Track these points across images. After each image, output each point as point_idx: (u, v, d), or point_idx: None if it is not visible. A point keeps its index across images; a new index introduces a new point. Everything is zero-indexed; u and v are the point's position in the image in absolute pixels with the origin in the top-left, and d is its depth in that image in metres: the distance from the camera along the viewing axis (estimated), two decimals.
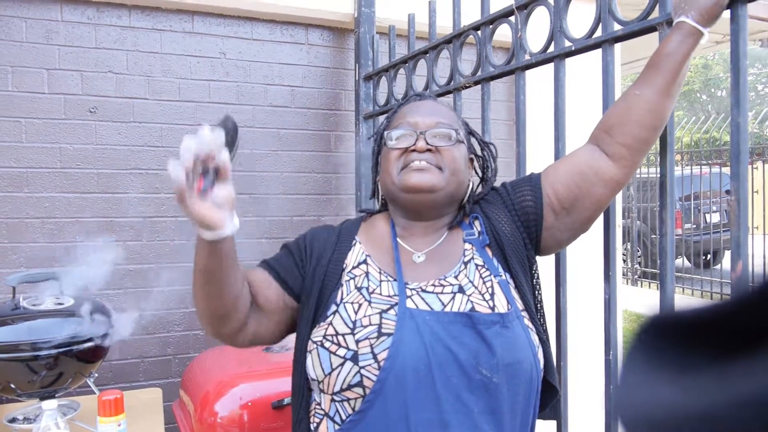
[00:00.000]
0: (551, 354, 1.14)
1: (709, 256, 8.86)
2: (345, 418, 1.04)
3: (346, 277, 1.13)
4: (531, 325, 1.08)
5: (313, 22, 2.67)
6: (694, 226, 8.48)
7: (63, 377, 1.66)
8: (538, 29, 1.57)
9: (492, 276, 1.10)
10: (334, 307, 1.09)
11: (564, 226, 1.15)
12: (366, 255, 1.16)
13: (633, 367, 0.37)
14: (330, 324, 1.07)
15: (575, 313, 1.69)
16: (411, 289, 1.08)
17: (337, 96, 2.75)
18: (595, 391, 1.31)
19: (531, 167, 1.32)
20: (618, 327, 1.32)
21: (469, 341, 1.01)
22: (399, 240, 1.18)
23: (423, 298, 1.06)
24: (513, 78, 1.59)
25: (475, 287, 1.08)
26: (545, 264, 1.42)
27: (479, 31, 1.69)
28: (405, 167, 1.13)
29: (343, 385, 1.02)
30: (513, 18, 1.56)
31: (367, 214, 1.29)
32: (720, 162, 8.04)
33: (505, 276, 1.12)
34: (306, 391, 1.13)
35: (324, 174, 2.72)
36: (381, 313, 1.05)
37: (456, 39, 1.79)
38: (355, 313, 1.06)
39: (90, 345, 1.67)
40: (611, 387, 1.31)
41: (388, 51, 2.25)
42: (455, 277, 1.10)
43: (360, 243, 1.19)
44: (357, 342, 1.02)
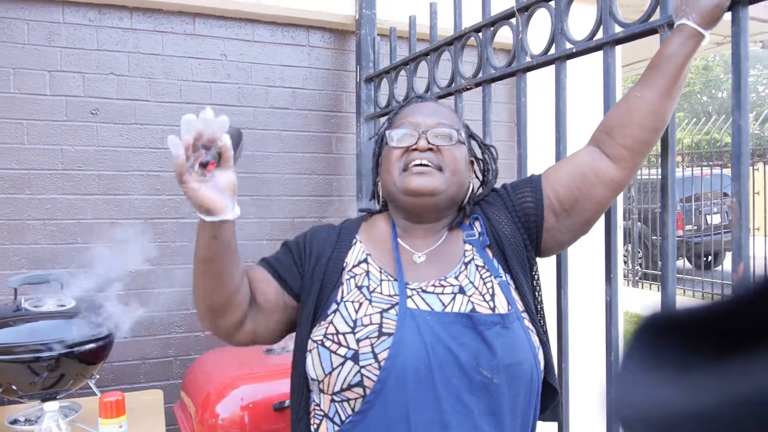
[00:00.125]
0: (551, 355, 1.14)
1: (710, 257, 8.85)
2: (345, 418, 1.03)
3: (346, 276, 1.13)
4: (531, 327, 1.08)
5: (314, 24, 2.67)
6: (695, 227, 8.48)
7: (64, 379, 1.67)
8: (539, 31, 1.57)
9: (492, 277, 1.10)
10: (334, 306, 1.09)
11: (564, 227, 1.15)
12: (366, 254, 1.16)
13: (630, 367, 0.37)
14: (330, 323, 1.06)
15: (576, 315, 1.69)
16: (411, 289, 1.08)
17: (338, 98, 2.75)
18: (596, 393, 1.31)
19: (532, 169, 1.32)
20: (619, 329, 1.32)
21: (470, 342, 1.00)
22: (399, 240, 1.17)
23: (423, 298, 1.06)
24: (514, 80, 1.59)
25: (476, 288, 1.08)
26: (546, 266, 1.42)
27: (480, 33, 1.69)
28: (406, 168, 1.13)
29: (344, 385, 1.01)
30: (514, 20, 1.57)
31: (368, 213, 1.28)
32: (721, 163, 8.04)
33: (506, 277, 1.12)
34: (305, 392, 1.12)
35: (325, 175, 2.72)
36: (382, 313, 1.04)
37: (457, 41, 1.79)
38: (356, 312, 1.06)
39: (91, 346, 1.67)
40: (612, 389, 1.30)
41: (389, 53, 2.25)
42: (456, 278, 1.10)
43: (360, 242, 1.19)
44: (358, 341, 1.01)
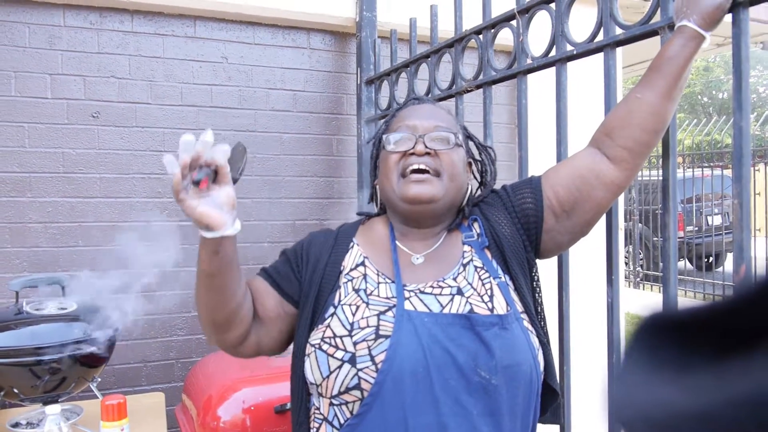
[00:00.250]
0: (552, 357, 1.13)
1: (711, 258, 8.85)
2: (343, 422, 1.03)
3: (343, 279, 1.13)
4: (531, 328, 1.07)
5: (315, 26, 2.67)
6: (696, 228, 8.47)
7: (66, 382, 1.66)
8: (539, 33, 1.57)
9: (491, 278, 1.09)
10: (332, 309, 1.09)
11: (564, 228, 1.15)
12: (364, 257, 1.16)
13: (631, 367, 0.37)
14: (328, 326, 1.06)
15: (578, 317, 1.69)
16: (409, 291, 1.07)
17: (339, 100, 2.75)
18: (598, 395, 1.31)
19: (533, 171, 1.32)
20: (621, 330, 1.31)
21: (468, 343, 1.00)
22: (397, 242, 1.17)
23: (421, 299, 1.06)
24: (515, 82, 1.59)
25: (474, 289, 1.07)
26: (548, 267, 1.42)
27: (481, 35, 1.69)
28: (404, 174, 1.12)
29: (341, 388, 1.01)
30: (515, 22, 1.57)
31: (366, 217, 1.28)
32: (721, 164, 8.04)
33: (505, 278, 1.11)
34: (305, 396, 1.12)
35: (326, 178, 2.72)
36: (379, 315, 1.04)
37: (458, 43, 1.79)
38: (353, 315, 1.05)
39: (93, 349, 1.67)
40: (611, 391, 1.30)
41: (389, 55, 2.25)
42: (454, 279, 1.09)
43: (358, 245, 1.19)
44: (355, 344, 1.01)
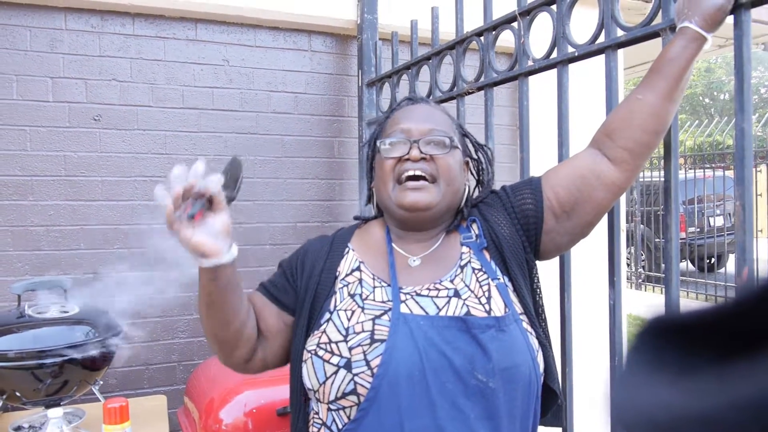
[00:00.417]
0: (553, 358, 1.12)
1: (713, 259, 8.83)
2: (341, 426, 1.02)
3: (339, 285, 1.13)
4: (530, 329, 1.06)
5: (316, 28, 2.67)
6: (697, 229, 8.46)
7: (68, 385, 1.66)
8: (541, 35, 1.57)
9: (489, 279, 1.09)
10: (327, 315, 1.08)
11: (564, 229, 1.14)
12: (359, 262, 1.15)
13: (633, 369, 0.37)
14: (323, 332, 1.06)
15: (580, 318, 1.69)
16: (405, 294, 1.07)
17: (340, 102, 2.75)
18: (600, 397, 1.30)
19: (534, 172, 1.32)
20: (623, 332, 1.31)
21: (464, 346, 0.99)
22: (394, 245, 1.17)
23: (417, 302, 1.05)
24: (516, 83, 1.59)
25: (471, 291, 1.07)
26: (550, 269, 1.42)
27: (482, 37, 1.69)
28: (400, 180, 1.11)
29: (338, 394, 1.00)
30: (516, 24, 1.56)
31: (362, 221, 1.28)
32: (723, 165, 8.03)
33: (504, 279, 1.10)
34: (303, 402, 1.12)
35: (327, 180, 2.72)
36: (374, 319, 1.03)
37: (459, 45, 1.79)
38: (348, 320, 1.05)
39: (95, 353, 1.67)
40: (613, 394, 1.30)
41: (390, 57, 2.25)
42: (451, 281, 1.09)
43: (353, 250, 1.18)
44: (350, 349, 1.01)
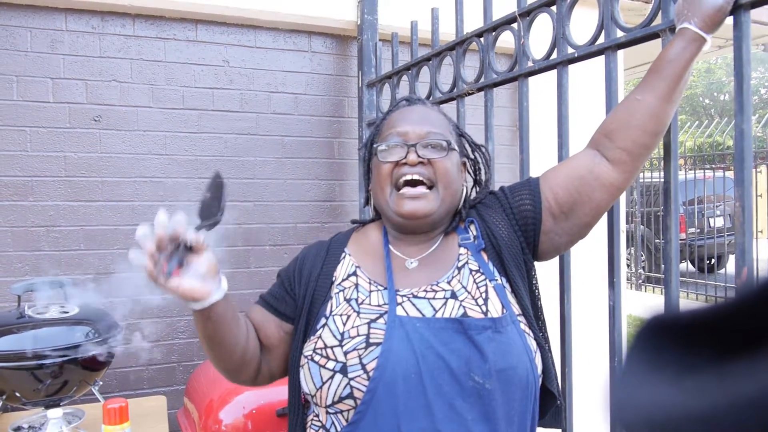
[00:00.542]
0: (551, 359, 1.11)
1: (713, 260, 8.83)
2: (339, 430, 1.03)
3: (335, 290, 1.13)
4: (528, 330, 1.06)
5: (316, 29, 2.68)
6: (698, 230, 8.46)
7: (68, 385, 1.66)
8: (541, 36, 1.57)
9: (487, 280, 1.08)
10: (323, 321, 1.09)
11: (562, 230, 1.14)
12: (356, 266, 1.15)
13: (633, 368, 0.37)
14: (319, 337, 1.06)
15: (579, 319, 1.69)
16: (402, 296, 1.07)
17: (341, 103, 2.75)
18: (600, 398, 1.30)
19: (534, 173, 1.32)
20: (622, 333, 1.31)
21: (461, 347, 0.99)
22: (391, 247, 1.16)
23: (414, 304, 1.05)
24: (516, 84, 1.59)
25: (468, 292, 1.06)
26: (549, 270, 1.42)
27: (482, 38, 1.69)
28: (398, 186, 1.11)
29: (335, 398, 1.01)
30: (516, 25, 1.57)
31: (360, 224, 1.27)
32: (723, 166, 8.03)
33: (501, 280, 1.10)
34: (301, 407, 1.13)
35: (327, 181, 2.72)
36: (369, 323, 1.03)
37: (459, 46, 1.79)
38: (344, 325, 1.05)
39: (95, 353, 1.67)
40: (612, 393, 1.30)
41: (391, 58, 2.25)
42: (448, 283, 1.08)
43: (350, 255, 1.18)
44: (345, 354, 1.01)
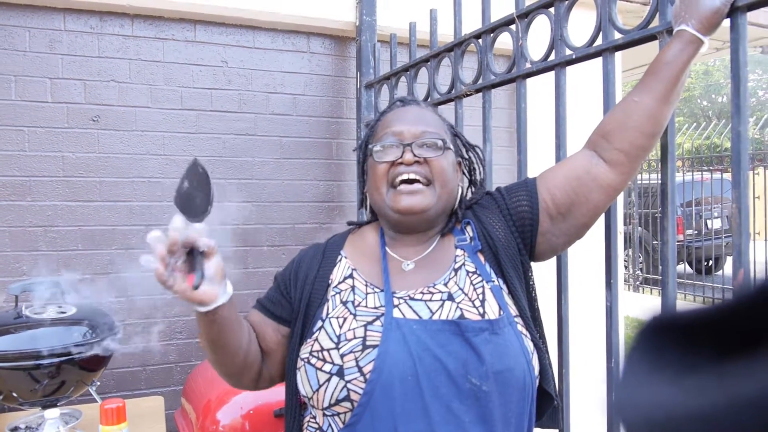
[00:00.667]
0: (547, 360, 1.12)
1: (711, 262, 8.85)
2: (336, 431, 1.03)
3: (331, 293, 1.13)
4: (525, 331, 1.06)
5: (315, 30, 2.68)
6: (695, 232, 8.48)
7: (65, 386, 1.66)
8: (539, 37, 1.58)
9: (484, 282, 1.08)
10: (319, 323, 1.09)
11: (559, 231, 1.14)
12: (352, 269, 1.15)
13: (633, 368, 0.37)
14: (316, 340, 1.06)
15: (577, 320, 1.69)
16: (399, 298, 1.07)
17: (339, 104, 2.76)
18: (597, 399, 1.31)
19: (532, 174, 1.32)
20: (620, 334, 1.31)
21: (458, 349, 0.99)
22: (388, 249, 1.16)
23: (411, 306, 1.05)
24: (514, 86, 1.60)
25: (465, 294, 1.06)
26: (547, 271, 1.42)
27: (480, 40, 1.69)
28: (394, 184, 1.11)
29: (331, 401, 1.01)
30: (514, 26, 1.57)
31: (356, 226, 1.27)
32: (721, 168, 8.05)
33: (498, 281, 1.10)
34: (298, 409, 1.13)
35: (326, 181, 2.72)
36: (366, 326, 1.03)
37: (457, 47, 1.80)
38: (340, 328, 1.05)
39: (92, 353, 1.67)
40: (613, 394, 1.30)
41: (389, 59, 2.25)
42: (445, 285, 1.08)
43: (346, 257, 1.18)
44: (342, 356, 1.01)
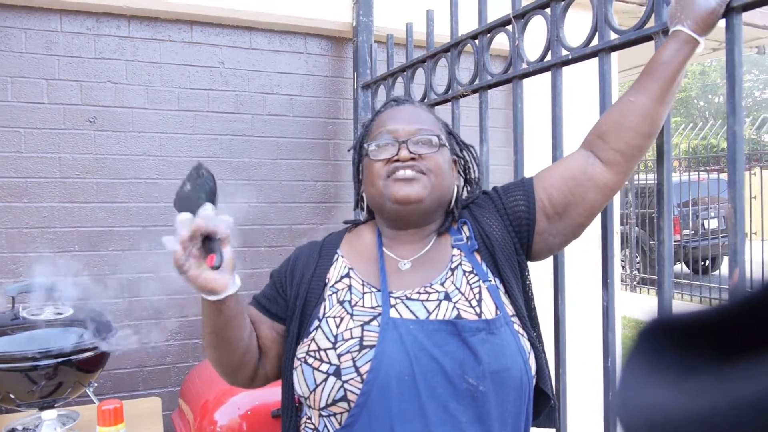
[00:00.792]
0: (544, 360, 1.12)
1: (708, 262, 8.86)
2: None
3: (328, 292, 1.12)
4: (521, 331, 1.06)
5: (312, 31, 2.68)
6: (692, 232, 8.49)
7: (62, 387, 1.66)
8: (535, 38, 1.58)
9: (480, 281, 1.08)
10: (316, 323, 1.08)
11: (556, 230, 1.14)
12: (349, 268, 1.15)
13: (632, 370, 0.36)
14: (313, 340, 1.06)
15: (573, 320, 1.69)
16: (395, 298, 1.07)
17: (336, 104, 2.76)
18: (594, 399, 1.31)
19: (528, 174, 1.32)
20: (616, 334, 1.32)
21: (454, 349, 0.99)
22: (385, 249, 1.16)
23: (407, 306, 1.05)
24: (511, 86, 1.60)
25: (462, 294, 1.06)
26: (543, 270, 1.42)
27: (477, 40, 1.70)
28: (390, 177, 1.10)
29: (328, 401, 1.00)
30: (510, 27, 1.57)
31: (353, 225, 1.27)
32: (717, 168, 8.07)
33: (495, 281, 1.10)
34: (294, 409, 1.13)
35: (323, 182, 2.72)
36: (363, 326, 1.03)
37: (454, 48, 1.80)
38: (337, 327, 1.05)
39: (89, 354, 1.66)
40: (610, 394, 1.30)
41: (386, 60, 2.25)
42: (441, 284, 1.08)
43: (343, 256, 1.18)
44: (339, 356, 1.01)
